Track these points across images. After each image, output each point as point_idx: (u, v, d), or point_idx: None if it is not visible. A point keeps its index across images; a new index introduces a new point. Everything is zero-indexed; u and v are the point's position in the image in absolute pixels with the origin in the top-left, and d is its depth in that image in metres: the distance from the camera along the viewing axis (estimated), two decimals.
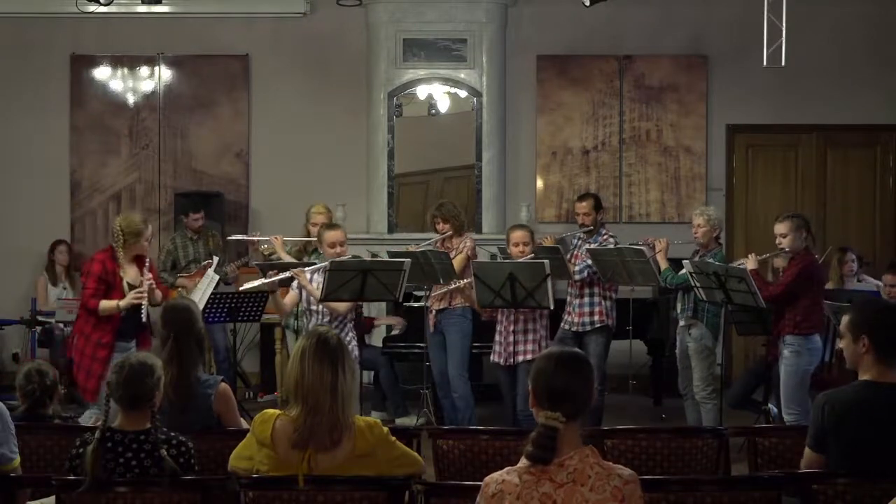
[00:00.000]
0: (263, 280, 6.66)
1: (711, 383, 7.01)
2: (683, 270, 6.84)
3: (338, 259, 6.54)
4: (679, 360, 7.26)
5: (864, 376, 3.76)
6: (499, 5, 9.89)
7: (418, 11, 9.81)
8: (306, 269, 6.59)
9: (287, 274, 6.57)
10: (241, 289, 7.50)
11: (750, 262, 6.61)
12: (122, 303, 6.33)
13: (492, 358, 7.03)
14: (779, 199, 10.07)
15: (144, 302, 6.36)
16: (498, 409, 7.72)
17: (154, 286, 6.46)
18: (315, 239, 7.32)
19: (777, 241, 6.62)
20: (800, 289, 6.49)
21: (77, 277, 9.69)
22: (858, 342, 3.76)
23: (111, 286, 6.36)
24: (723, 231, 7.29)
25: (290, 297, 6.68)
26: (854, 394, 3.74)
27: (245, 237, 8.55)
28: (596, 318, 7.33)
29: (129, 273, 6.43)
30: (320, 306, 6.51)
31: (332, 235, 6.65)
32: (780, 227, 6.59)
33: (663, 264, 7.10)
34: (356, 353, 6.52)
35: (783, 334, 6.54)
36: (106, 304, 6.33)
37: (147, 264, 6.47)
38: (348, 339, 6.54)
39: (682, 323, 7.17)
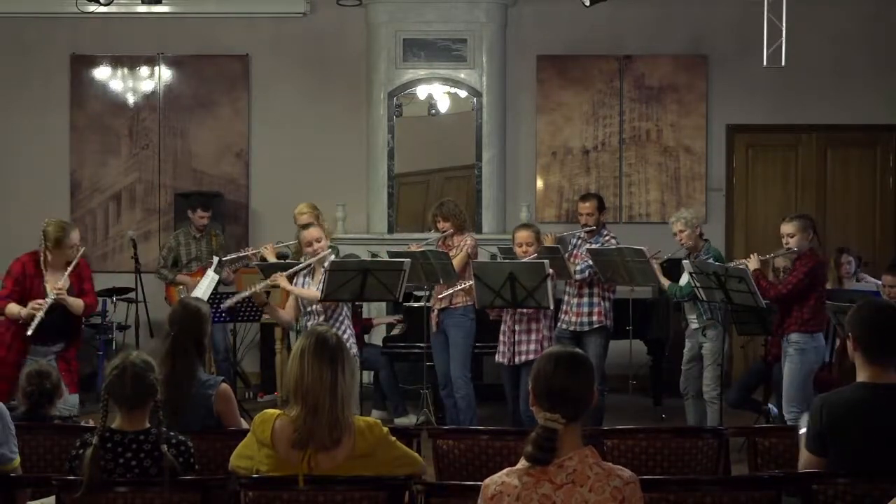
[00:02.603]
0: (244, 293, 6.64)
1: (721, 383, 7.03)
2: (687, 280, 6.86)
3: (338, 259, 6.55)
4: (686, 362, 7.26)
5: (859, 377, 3.76)
6: (499, 5, 9.89)
7: (418, 11, 9.80)
8: (286, 272, 6.53)
9: (269, 282, 6.52)
10: (223, 306, 7.35)
11: (752, 262, 6.62)
12: (24, 312, 6.12)
13: (496, 358, 7.02)
14: (779, 199, 10.08)
15: (40, 314, 6.09)
16: (498, 409, 7.73)
17: (64, 297, 6.20)
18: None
19: (784, 242, 6.63)
20: (808, 288, 6.51)
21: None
22: (849, 340, 3.79)
23: (29, 290, 6.19)
24: (702, 226, 7.30)
25: (290, 306, 6.64)
26: (850, 395, 3.74)
27: (235, 255, 8.38)
28: (594, 318, 7.32)
29: (53, 280, 6.23)
30: (316, 306, 6.50)
31: (305, 235, 6.65)
32: (788, 228, 6.61)
33: (665, 282, 7.13)
34: (354, 350, 6.53)
35: (789, 332, 6.55)
36: (11, 308, 6.17)
37: (69, 271, 6.24)
38: (345, 336, 6.54)
39: (695, 326, 7.17)
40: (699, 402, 7.19)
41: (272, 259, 7.65)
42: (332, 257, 6.60)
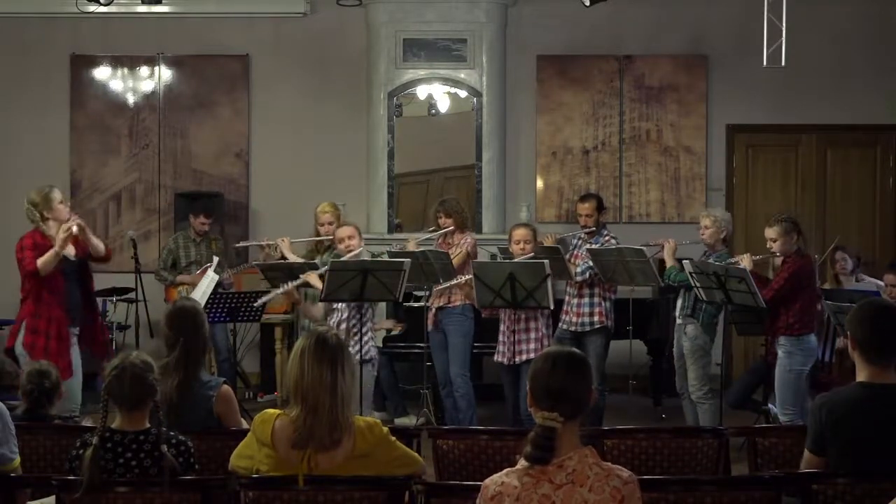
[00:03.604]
0: (277, 291, 6.76)
1: (707, 383, 7.01)
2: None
3: (337, 259, 6.58)
4: (676, 360, 7.26)
5: (859, 377, 3.76)
6: (499, 5, 9.89)
7: (418, 11, 9.80)
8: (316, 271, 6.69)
9: (299, 281, 6.65)
10: (258, 303, 7.46)
11: (745, 262, 6.63)
12: (56, 246, 6.12)
13: (495, 357, 7.03)
14: (779, 199, 10.08)
15: (74, 227, 6.16)
16: (498, 409, 7.73)
17: (87, 232, 6.25)
18: (326, 238, 7.46)
19: (768, 245, 6.65)
20: (792, 291, 6.53)
21: None
22: (850, 341, 3.79)
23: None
24: (730, 234, 7.27)
25: (321, 304, 6.76)
26: (850, 395, 3.74)
27: (252, 243, 8.43)
28: (595, 318, 7.33)
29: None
30: (342, 304, 6.56)
31: (339, 232, 6.95)
32: (770, 232, 6.64)
33: (669, 262, 7.11)
34: (374, 352, 6.56)
35: (777, 336, 6.60)
36: (43, 258, 6.14)
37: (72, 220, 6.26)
38: (366, 337, 6.56)
39: (679, 321, 7.17)
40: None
41: (288, 252, 7.66)
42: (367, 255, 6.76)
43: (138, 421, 3.73)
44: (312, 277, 6.60)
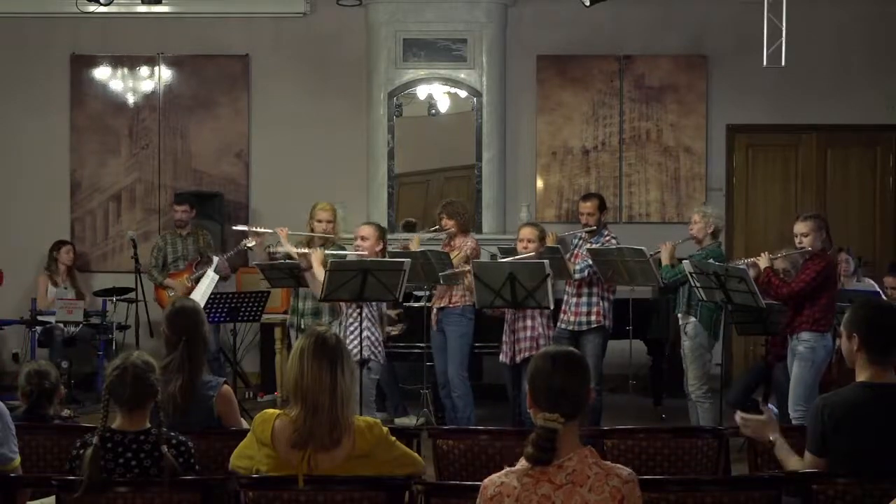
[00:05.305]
0: (294, 248, 7.03)
1: (706, 382, 6.98)
2: (680, 266, 6.85)
3: (337, 260, 6.59)
4: (684, 360, 7.24)
5: (859, 377, 3.76)
6: (499, 5, 9.89)
7: (418, 11, 9.81)
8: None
9: (309, 251, 6.88)
10: (279, 251, 7.46)
11: (763, 261, 6.61)
12: None
13: (500, 357, 7.03)
14: (779, 199, 10.08)
15: None
16: (498, 409, 7.73)
17: None
18: (318, 235, 7.40)
19: (798, 241, 6.59)
20: (820, 286, 6.49)
21: (79, 277, 9.68)
22: (852, 340, 3.77)
23: None
24: (722, 231, 7.26)
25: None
26: (851, 396, 3.74)
27: (250, 228, 8.41)
28: (593, 318, 7.32)
29: None
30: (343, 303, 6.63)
31: (358, 230, 7.00)
32: (802, 227, 6.57)
33: (665, 262, 7.10)
34: (371, 354, 6.53)
35: (799, 331, 6.51)
36: None
37: None
38: (368, 341, 6.55)
39: (680, 321, 7.17)
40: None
41: (286, 243, 7.59)
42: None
43: (139, 421, 3.73)
44: (316, 256, 6.73)
